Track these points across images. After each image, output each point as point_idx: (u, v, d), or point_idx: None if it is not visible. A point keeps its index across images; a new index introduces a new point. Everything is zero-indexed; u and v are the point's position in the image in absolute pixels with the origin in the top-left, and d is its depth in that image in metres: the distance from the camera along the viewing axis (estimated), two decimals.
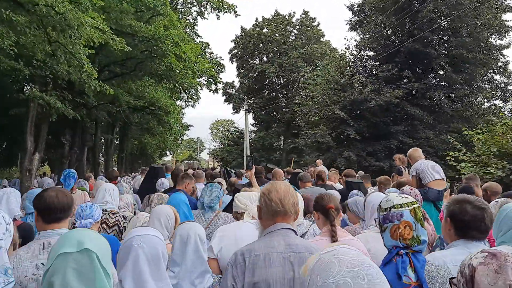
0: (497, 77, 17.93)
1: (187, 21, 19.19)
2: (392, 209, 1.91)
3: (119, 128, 32.40)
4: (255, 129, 41.42)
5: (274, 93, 38.79)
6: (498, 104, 17.89)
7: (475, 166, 9.09)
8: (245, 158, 32.81)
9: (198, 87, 15.89)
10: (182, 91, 20.27)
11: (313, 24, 38.68)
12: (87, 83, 8.99)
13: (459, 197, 2.25)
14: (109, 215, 4.03)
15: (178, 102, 27.32)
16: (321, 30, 38.65)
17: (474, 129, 10.64)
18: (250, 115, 37.79)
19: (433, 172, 5.50)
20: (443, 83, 17.02)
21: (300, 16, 38.95)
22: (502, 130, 9.54)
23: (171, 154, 58.71)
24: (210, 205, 3.93)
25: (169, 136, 38.27)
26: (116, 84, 21.39)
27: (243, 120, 34.46)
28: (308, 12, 39.03)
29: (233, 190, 5.98)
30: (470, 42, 16.30)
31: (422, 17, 16.06)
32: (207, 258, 2.43)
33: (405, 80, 16.36)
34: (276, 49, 38.17)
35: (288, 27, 38.89)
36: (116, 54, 18.30)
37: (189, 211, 3.92)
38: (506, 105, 17.13)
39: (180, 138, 46.23)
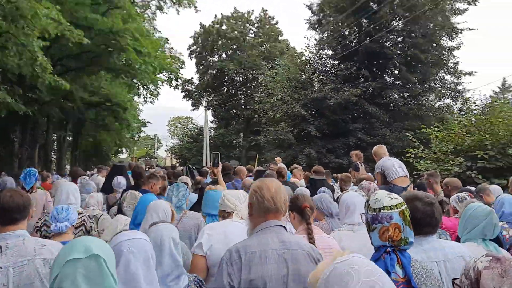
0: (448, 77, 18.78)
1: (146, 15, 18.70)
2: (382, 210, 1.93)
3: (73, 124, 31.22)
4: (215, 126, 41.18)
5: (233, 90, 38.70)
6: (449, 103, 18.73)
7: (433, 163, 9.46)
8: (204, 155, 32.57)
9: (159, 82, 15.48)
10: (140, 87, 19.68)
11: (271, 22, 38.89)
12: (41, 77, 8.53)
13: (408, 195, 2.31)
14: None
15: (136, 98, 26.59)
16: (279, 28, 38.91)
17: (431, 127, 11.06)
18: (210, 112, 37.50)
19: (397, 169, 5.59)
20: (398, 82, 17.61)
21: (259, 14, 39.09)
22: (458, 128, 9.98)
23: (127, 151, 57.37)
24: (178, 205, 3.91)
25: (126, 133, 37.30)
26: (70, 79, 20.56)
27: (202, 117, 34.21)
28: (266, 10, 39.30)
29: (199, 188, 5.91)
30: (423, 43, 16.96)
31: (379, 18, 16.54)
32: (181, 259, 2.38)
33: (362, 79, 16.78)
34: (235, 46, 38.09)
35: (247, 25, 38.90)
36: (70, 48, 17.64)
37: None
38: (455, 103, 17.95)
39: (137, 135, 45.19)
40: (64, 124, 29.22)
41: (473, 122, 10.13)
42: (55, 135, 31.00)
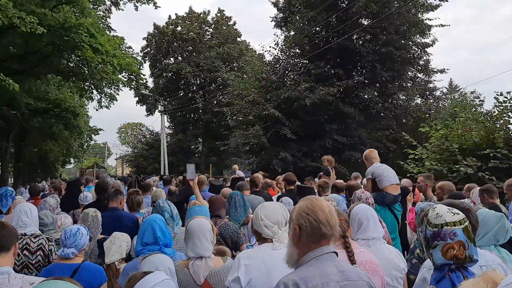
0: (419, 75, 18.58)
1: (99, 12, 17.10)
2: (445, 227, 1.86)
3: (15, 134, 28.65)
4: (171, 131, 39.47)
5: (190, 94, 37.25)
6: (419, 102, 18.56)
7: (438, 164, 8.82)
8: (162, 162, 31.01)
9: (121, 84, 13.99)
10: (93, 90, 17.99)
11: (229, 23, 37.88)
12: None
13: (446, 203, 2.29)
14: (30, 239, 3.60)
15: (89, 103, 24.64)
16: (237, 29, 37.98)
17: (433, 125, 10.51)
18: (165, 117, 35.81)
19: (389, 176, 5.49)
20: (372, 81, 17.12)
21: (216, 14, 37.93)
22: (462, 125, 9.41)
23: (75, 161, 54.27)
24: (178, 224, 3.84)
25: (75, 141, 34.95)
26: (13, 83, 18.51)
27: (157, 123, 32.65)
28: (223, 11, 38.15)
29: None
30: (397, 39, 16.59)
31: (352, 14, 15.98)
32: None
33: (335, 79, 16.12)
34: (191, 48, 36.70)
35: (204, 26, 37.65)
36: (16, 45, 15.73)
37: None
38: (428, 102, 17.76)
39: (86, 144, 42.87)
40: (5, 133, 26.62)
41: (481, 117, 9.56)
42: None
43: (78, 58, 13.74)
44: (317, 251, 1.81)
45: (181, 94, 37.54)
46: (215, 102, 34.93)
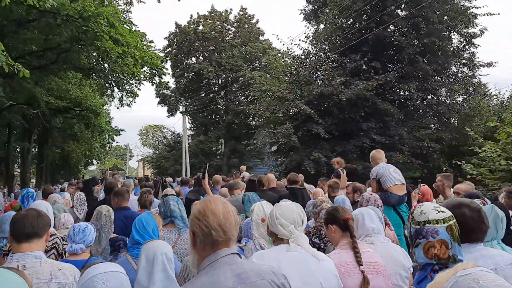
0: (464, 69, 17.06)
1: (120, 7, 16.34)
2: (427, 224, 1.84)
3: (38, 134, 28.46)
4: (192, 133, 38.77)
5: (212, 94, 36.47)
6: (464, 98, 17.05)
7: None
8: (183, 164, 30.35)
9: (142, 77, 13.13)
10: (114, 88, 17.28)
11: (251, 21, 36.97)
12: None
13: (454, 202, 2.22)
14: None
15: (110, 102, 24.07)
16: (260, 28, 37.03)
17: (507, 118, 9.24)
18: (187, 118, 35.07)
19: (393, 176, 5.46)
20: (412, 75, 15.73)
21: (238, 13, 37.08)
22: None
23: (97, 162, 54.34)
24: (186, 222, 3.79)
25: (97, 142, 34.68)
26: (33, 81, 17.97)
27: (178, 124, 32.04)
28: (246, 9, 37.21)
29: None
30: (440, 29, 15.19)
31: (390, 2, 14.70)
32: (174, 275, 2.37)
33: (372, 73, 14.84)
34: (213, 47, 35.91)
35: (226, 24, 36.84)
36: (35, 40, 15.19)
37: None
38: (477, 99, 16.25)
39: (108, 145, 42.78)
40: (28, 134, 26.43)
41: None
42: (18, 147, 28.11)
43: (98, 52, 13.00)
44: (212, 256, 1.72)
45: (203, 95, 36.82)
46: (237, 102, 34.15)
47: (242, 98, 34.76)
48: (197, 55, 36.98)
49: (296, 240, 2.38)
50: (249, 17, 37.01)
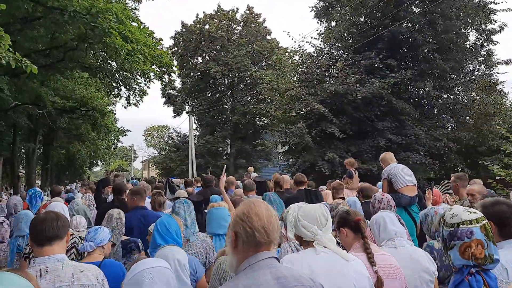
0: (481, 67, 16.57)
1: (129, 4, 16.01)
2: (461, 226, 1.84)
3: (43, 135, 28.24)
4: (198, 133, 38.42)
5: (218, 94, 36.12)
6: (481, 97, 16.52)
7: None
8: (190, 165, 30.01)
9: (152, 75, 12.76)
10: (122, 87, 16.95)
11: (258, 20, 36.59)
12: None
13: (490, 201, 2.33)
14: None
15: (118, 104, 23.79)
16: (267, 27, 36.65)
17: None
18: (193, 118, 34.73)
19: (404, 177, 5.43)
20: (429, 73, 15.25)
21: (244, 12, 36.72)
22: None
23: (102, 163, 54.17)
24: (193, 226, 3.73)
25: (102, 143, 34.45)
26: (38, 80, 17.67)
27: (184, 125, 31.76)
28: (252, 8, 36.84)
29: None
30: (458, 26, 14.72)
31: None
32: (189, 282, 2.43)
33: (387, 71, 14.38)
34: (219, 47, 35.56)
35: (232, 24, 36.49)
36: (42, 38, 14.90)
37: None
38: (496, 98, 15.74)
39: (113, 146, 42.60)
40: (33, 134, 26.19)
41: None
42: (23, 147, 27.89)
43: (105, 50, 12.66)
44: (252, 258, 1.71)
45: (209, 95, 36.48)
46: (244, 102, 33.79)
47: (249, 98, 34.45)
48: (204, 55, 36.64)
49: (321, 241, 2.33)
50: (256, 16, 36.66)
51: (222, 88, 36.71)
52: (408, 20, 14.79)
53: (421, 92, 15.33)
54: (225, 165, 6.32)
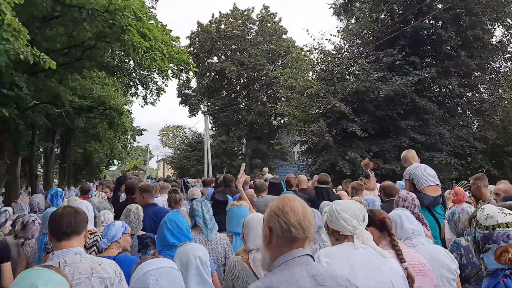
0: (508, 63, 16.02)
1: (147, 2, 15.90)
2: (497, 228, 1.75)
3: (60, 134, 28.45)
4: (214, 133, 38.33)
5: (234, 94, 35.96)
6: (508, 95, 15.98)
7: None
8: (205, 164, 29.94)
9: (170, 72, 12.59)
10: (139, 86, 16.86)
11: (274, 19, 36.34)
12: (14, 49, 5.66)
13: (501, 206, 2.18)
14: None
15: (135, 104, 23.80)
16: (282, 26, 36.37)
17: None
18: (208, 118, 34.64)
19: (428, 177, 5.30)
20: (453, 70, 14.78)
21: (260, 11, 36.55)
22: None
23: (118, 163, 54.52)
24: (212, 225, 3.65)
25: (118, 142, 34.60)
26: (57, 79, 17.72)
27: (199, 124, 31.70)
28: (268, 7, 36.62)
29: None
30: (484, 21, 14.24)
31: None
32: (210, 280, 2.39)
33: (410, 68, 13.94)
34: (235, 47, 35.43)
35: (248, 23, 36.32)
36: (60, 36, 14.92)
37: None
38: None
39: (130, 145, 42.79)
40: (51, 134, 26.41)
41: None
42: (42, 147, 28.14)
43: (123, 49, 12.55)
44: (288, 255, 1.67)
45: (224, 94, 36.38)
46: (259, 102, 33.59)
47: (265, 97, 34.25)
48: (219, 54, 36.61)
49: (360, 236, 2.26)
50: (272, 15, 36.46)
51: (238, 88, 36.61)
52: (432, 16, 14.33)
53: (445, 90, 14.85)
54: (243, 164, 6.19)
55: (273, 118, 33.85)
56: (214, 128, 38.73)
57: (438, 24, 15.02)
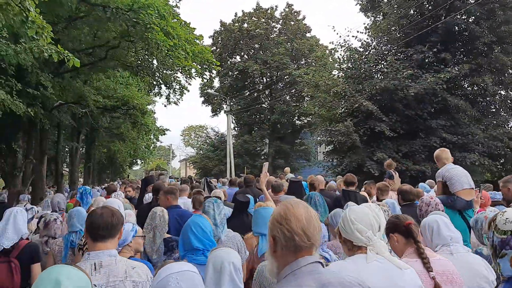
0: None
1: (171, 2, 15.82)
2: None
3: (85, 134, 28.85)
4: (236, 133, 38.19)
5: (256, 93, 35.72)
6: None
7: None
8: (228, 164, 29.86)
9: (193, 71, 12.47)
10: (162, 85, 16.85)
11: (297, 18, 35.94)
12: (37, 46, 5.56)
13: None
14: None
15: (157, 104, 23.91)
16: (306, 24, 35.92)
17: None
18: (231, 118, 34.52)
19: (462, 180, 5.10)
20: (487, 67, 14.16)
21: (284, 9, 36.20)
22: None
23: (142, 162, 55.09)
24: (222, 225, 3.74)
25: (142, 142, 34.87)
26: (81, 79, 17.89)
27: (221, 124, 31.64)
28: (292, 5, 36.24)
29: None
30: None
31: None
32: (242, 285, 2.36)
33: (442, 65, 13.40)
34: (258, 45, 35.19)
35: (271, 21, 36.03)
36: (84, 36, 15.01)
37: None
38: None
39: (153, 145, 43.13)
40: (76, 133, 26.80)
41: None
42: (67, 146, 28.57)
43: (147, 47, 12.50)
44: (294, 264, 1.59)
45: (247, 94, 36.18)
46: (282, 101, 33.25)
47: (288, 97, 33.91)
48: (242, 53, 36.46)
49: (375, 247, 2.13)
50: (295, 14, 36.07)
51: (261, 87, 36.37)
52: (464, 11, 13.75)
53: (478, 88, 14.23)
54: (266, 163, 6.18)
55: (296, 117, 33.49)
56: (236, 128, 38.60)
57: (470, 20, 14.38)
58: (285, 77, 32.94)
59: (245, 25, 35.41)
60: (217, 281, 2.26)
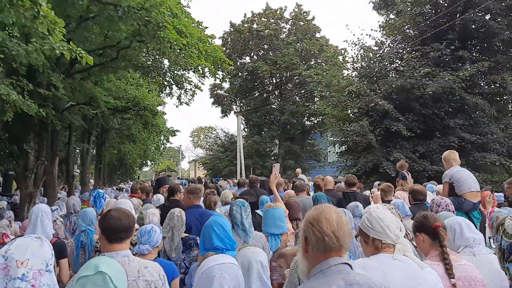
0: None
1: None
2: None
3: (96, 135, 28.90)
4: (246, 133, 38.01)
5: (266, 94, 35.50)
6: None
7: None
8: (238, 165, 29.68)
9: (206, 70, 12.31)
10: (173, 86, 16.73)
11: (307, 18, 35.69)
12: (49, 43, 5.40)
13: None
14: None
15: (168, 105, 23.83)
16: (316, 24, 35.65)
17: None
18: (241, 119, 34.33)
19: (469, 183, 5.18)
20: (507, 65, 13.79)
21: (293, 9, 35.99)
22: None
23: (151, 164, 55.17)
24: (250, 228, 3.75)
25: (152, 143, 34.85)
26: (92, 80, 17.82)
27: (231, 125, 31.46)
28: (301, 5, 36.02)
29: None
30: None
31: None
32: (269, 283, 2.41)
33: (459, 63, 13.07)
34: (267, 46, 35.00)
35: (280, 22, 35.83)
36: (95, 39, 14.94)
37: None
38: None
39: (163, 146, 43.11)
40: (87, 135, 26.88)
41: None
42: (78, 147, 28.63)
43: (159, 47, 12.36)
44: (323, 264, 1.67)
45: (257, 94, 35.98)
46: (291, 102, 33.00)
47: (298, 97, 33.67)
48: (251, 54, 36.31)
49: (402, 246, 2.14)
50: (305, 14, 35.83)
51: (270, 88, 36.19)
52: (482, 7, 13.40)
53: (495, 86, 13.86)
54: (276, 164, 6.18)
55: (306, 118, 33.24)
56: (246, 129, 38.42)
57: (487, 16, 14.03)
58: (295, 78, 32.72)
59: (255, 25, 35.25)
60: (246, 278, 2.30)
